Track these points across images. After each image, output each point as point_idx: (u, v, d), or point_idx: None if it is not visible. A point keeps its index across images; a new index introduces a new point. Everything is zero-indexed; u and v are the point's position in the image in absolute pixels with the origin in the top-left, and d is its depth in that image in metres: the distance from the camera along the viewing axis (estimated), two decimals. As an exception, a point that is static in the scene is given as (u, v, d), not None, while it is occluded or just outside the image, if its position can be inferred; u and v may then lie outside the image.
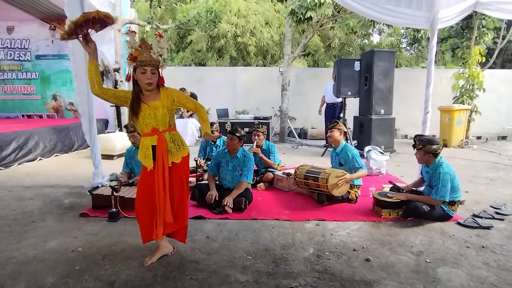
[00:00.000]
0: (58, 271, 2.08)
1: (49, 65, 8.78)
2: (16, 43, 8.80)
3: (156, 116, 2.07)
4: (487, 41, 7.94)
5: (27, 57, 8.83)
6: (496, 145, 7.76)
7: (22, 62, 8.84)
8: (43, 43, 8.75)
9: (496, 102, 9.22)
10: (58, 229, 2.73)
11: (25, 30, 8.71)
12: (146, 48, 2.03)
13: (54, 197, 3.60)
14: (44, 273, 2.06)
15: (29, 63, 8.83)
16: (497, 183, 4.29)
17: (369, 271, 2.12)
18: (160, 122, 2.08)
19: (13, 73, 8.89)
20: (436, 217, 2.90)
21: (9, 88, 8.96)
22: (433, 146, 2.90)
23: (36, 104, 8.94)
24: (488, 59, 8.02)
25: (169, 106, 2.09)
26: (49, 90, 8.88)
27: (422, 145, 2.94)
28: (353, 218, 3.02)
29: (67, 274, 2.05)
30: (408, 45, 15.89)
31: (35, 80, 8.88)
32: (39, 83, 8.88)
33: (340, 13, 7.94)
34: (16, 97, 8.96)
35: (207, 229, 2.76)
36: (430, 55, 4.08)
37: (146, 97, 2.10)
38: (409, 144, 3.86)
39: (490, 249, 2.42)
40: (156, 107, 2.07)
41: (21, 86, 8.94)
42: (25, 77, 8.91)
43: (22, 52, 8.83)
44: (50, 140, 5.88)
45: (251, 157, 3.42)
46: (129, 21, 7.79)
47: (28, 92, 8.94)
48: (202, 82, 9.36)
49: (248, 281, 2.00)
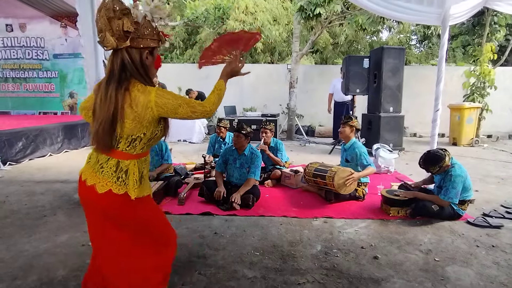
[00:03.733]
0: (69, 264, 2.12)
1: (66, 64, 9.16)
2: (32, 42, 9.14)
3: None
4: (499, 38, 7.78)
5: (45, 56, 9.20)
6: (507, 144, 7.62)
7: (41, 61, 9.23)
8: (57, 41, 9.10)
9: (508, 100, 9.04)
10: (69, 224, 2.78)
11: (37, 28, 8.97)
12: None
13: (64, 192, 3.66)
14: (55, 266, 2.10)
15: (48, 62, 9.21)
16: (508, 182, 4.22)
17: (377, 268, 2.11)
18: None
19: (33, 72, 9.30)
20: (445, 216, 2.87)
21: (30, 86, 9.37)
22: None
23: (55, 101, 9.34)
24: (500, 56, 7.86)
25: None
26: (67, 88, 9.25)
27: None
28: (361, 215, 3.01)
29: (77, 268, 2.09)
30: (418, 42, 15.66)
31: (55, 78, 9.28)
32: (59, 82, 9.26)
33: (349, 10, 7.86)
34: (37, 95, 9.35)
35: (215, 225, 2.78)
36: (441, 52, 4.02)
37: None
38: (418, 143, 3.82)
39: (500, 248, 2.39)
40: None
41: (42, 84, 9.35)
42: (45, 76, 9.29)
43: (40, 51, 9.20)
44: (60, 137, 5.99)
45: (258, 154, 3.42)
46: (138, 18, 7.84)
47: (49, 90, 9.33)
48: (209, 79, 9.34)
49: (256, 277, 2.01)
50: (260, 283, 1.94)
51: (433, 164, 2.84)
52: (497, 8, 4.45)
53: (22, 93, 9.35)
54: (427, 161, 2.89)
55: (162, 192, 3.38)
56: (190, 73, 9.28)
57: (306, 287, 1.92)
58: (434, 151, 2.91)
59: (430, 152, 2.92)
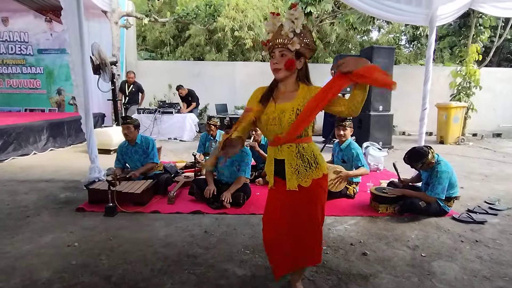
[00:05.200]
0: (53, 266, 2.07)
1: (52, 59, 8.88)
2: (15, 36, 8.81)
3: (281, 122, 1.56)
4: (484, 39, 7.97)
5: (29, 51, 8.90)
6: (491, 142, 7.83)
7: (25, 56, 8.92)
8: (42, 36, 8.80)
9: (492, 100, 9.28)
10: (54, 224, 2.72)
11: (21, 22, 8.67)
12: (279, 29, 1.55)
13: (50, 191, 3.58)
14: (39, 268, 2.05)
15: (32, 57, 8.91)
16: (491, 180, 4.33)
17: (365, 265, 2.13)
18: (285, 130, 1.55)
19: (17, 68, 8.98)
20: (432, 213, 2.92)
21: (14, 82, 9.04)
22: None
23: (42, 98, 9.06)
24: (485, 57, 8.05)
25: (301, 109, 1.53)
26: (54, 84, 8.98)
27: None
28: (351, 213, 3.04)
29: (62, 269, 2.04)
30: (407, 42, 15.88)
31: (41, 74, 8.99)
32: (45, 78, 8.97)
33: (340, 9, 7.91)
34: (23, 91, 9.05)
35: (205, 223, 2.76)
36: (429, 52, 4.09)
37: (280, 95, 1.61)
38: (407, 141, 3.87)
39: (483, 243, 2.45)
40: (284, 111, 1.54)
41: (27, 80, 9.04)
42: (29, 72, 8.98)
43: (23, 45, 8.88)
44: (45, 134, 5.83)
45: (248, 152, 3.41)
46: (126, 14, 7.70)
47: (34, 87, 9.04)
48: (201, 77, 9.31)
49: (246, 275, 2.00)
50: (250, 281, 1.94)
51: (416, 160, 2.90)
52: (481, 10, 4.56)
53: (5, 90, 9.04)
54: (411, 157, 2.96)
55: (152, 191, 3.33)
56: (181, 70, 9.20)
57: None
58: (418, 148, 2.97)
59: (414, 149, 2.99)
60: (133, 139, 3.54)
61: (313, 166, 1.60)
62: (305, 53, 1.56)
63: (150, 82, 9.02)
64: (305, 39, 1.53)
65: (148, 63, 10.67)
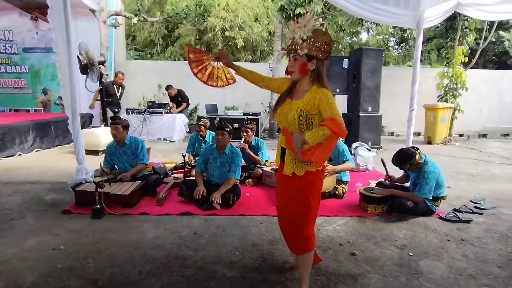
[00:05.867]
0: (38, 270, 2.02)
1: (38, 58, 8.66)
2: None
3: (287, 117, 1.76)
4: (469, 41, 8.14)
5: (13, 50, 8.65)
6: (477, 143, 8.00)
7: (9, 55, 8.67)
8: (28, 34, 8.59)
9: (478, 101, 9.49)
10: (39, 227, 2.65)
11: (5, 20, 8.45)
12: (293, 36, 1.75)
13: (35, 193, 3.49)
14: (23, 272, 2.00)
15: (17, 56, 8.65)
16: (477, 179, 4.43)
17: (354, 265, 2.15)
18: (290, 125, 1.77)
19: (1, 67, 8.72)
20: (419, 212, 2.97)
21: None
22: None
23: (27, 98, 8.81)
24: (471, 59, 8.23)
25: (307, 110, 1.70)
26: (40, 84, 8.74)
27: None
28: (340, 213, 3.06)
29: (48, 273, 1.99)
30: (396, 44, 16.13)
31: (26, 74, 8.75)
32: (30, 77, 8.73)
33: (329, 11, 7.97)
34: (7, 91, 8.79)
35: (194, 225, 2.74)
36: (416, 54, 4.16)
37: (296, 93, 1.82)
38: (395, 141, 3.92)
39: (469, 242, 2.50)
40: (291, 109, 1.75)
41: (11, 80, 8.79)
42: (14, 71, 8.73)
43: (8, 44, 8.64)
44: (31, 135, 5.70)
45: (239, 153, 3.40)
46: (115, 13, 7.59)
47: (19, 86, 8.79)
48: (191, 77, 9.12)
49: (235, 276, 1.99)
50: (240, 283, 1.93)
51: (404, 162, 2.95)
52: (466, 13, 4.67)
53: (-12, 89, 8.79)
54: (399, 159, 3.00)
55: (140, 192, 3.29)
56: (171, 70, 9.12)
57: (286, 285, 1.93)
58: (405, 149, 3.02)
59: (401, 151, 3.03)
60: (122, 140, 3.49)
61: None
62: (317, 55, 1.70)
63: (139, 82, 8.93)
64: (317, 42, 1.69)
65: (137, 63, 10.55)
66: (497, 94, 9.74)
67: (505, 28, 13.57)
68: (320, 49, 1.70)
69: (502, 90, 9.74)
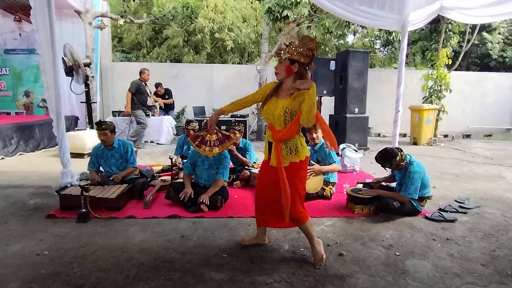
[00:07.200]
0: (21, 276, 1.97)
1: (20, 60, 8.41)
2: None
3: (273, 114, 2.05)
4: (453, 44, 8.36)
5: None
6: (461, 143, 8.21)
7: None
8: (10, 36, 8.34)
9: (462, 102, 9.76)
10: (22, 232, 2.58)
11: (-14, 20, 8.18)
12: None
13: (18, 198, 3.40)
14: (6, 278, 1.94)
15: None
16: (461, 179, 4.54)
17: (342, 265, 2.17)
18: (276, 121, 2.06)
19: None
20: (406, 212, 3.02)
21: None
22: None
23: (7, 100, 8.52)
24: (455, 61, 8.45)
25: (292, 108, 2.00)
26: (21, 86, 8.48)
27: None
28: (328, 214, 3.09)
29: (31, 279, 1.94)
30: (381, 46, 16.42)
31: (6, 76, 8.46)
32: (10, 79, 8.45)
33: (316, 13, 8.05)
34: None
35: (182, 228, 2.71)
36: (401, 56, 4.24)
37: (281, 92, 2.10)
38: (382, 142, 3.98)
39: (454, 241, 2.56)
40: (277, 106, 2.04)
41: None
42: None
43: None
44: (14, 138, 5.54)
45: (227, 155, 3.39)
46: (101, 14, 7.47)
47: None
48: (178, 79, 9.18)
49: (223, 279, 1.99)
50: (227, 285, 1.92)
51: (385, 160, 3.02)
52: (449, 16, 4.80)
53: (-34, 91, 8.47)
54: (381, 157, 3.07)
55: (127, 195, 3.25)
56: (158, 72, 9.03)
57: (274, 286, 1.93)
58: (389, 149, 3.08)
59: (385, 150, 3.09)
60: (111, 144, 3.45)
61: (293, 152, 2.09)
62: (298, 59, 1.95)
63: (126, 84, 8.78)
64: (299, 48, 1.94)
65: (124, 64, 10.40)
66: (480, 96, 10.04)
67: (487, 30, 13.98)
68: (302, 54, 1.94)
69: (485, 91, 10.05)
